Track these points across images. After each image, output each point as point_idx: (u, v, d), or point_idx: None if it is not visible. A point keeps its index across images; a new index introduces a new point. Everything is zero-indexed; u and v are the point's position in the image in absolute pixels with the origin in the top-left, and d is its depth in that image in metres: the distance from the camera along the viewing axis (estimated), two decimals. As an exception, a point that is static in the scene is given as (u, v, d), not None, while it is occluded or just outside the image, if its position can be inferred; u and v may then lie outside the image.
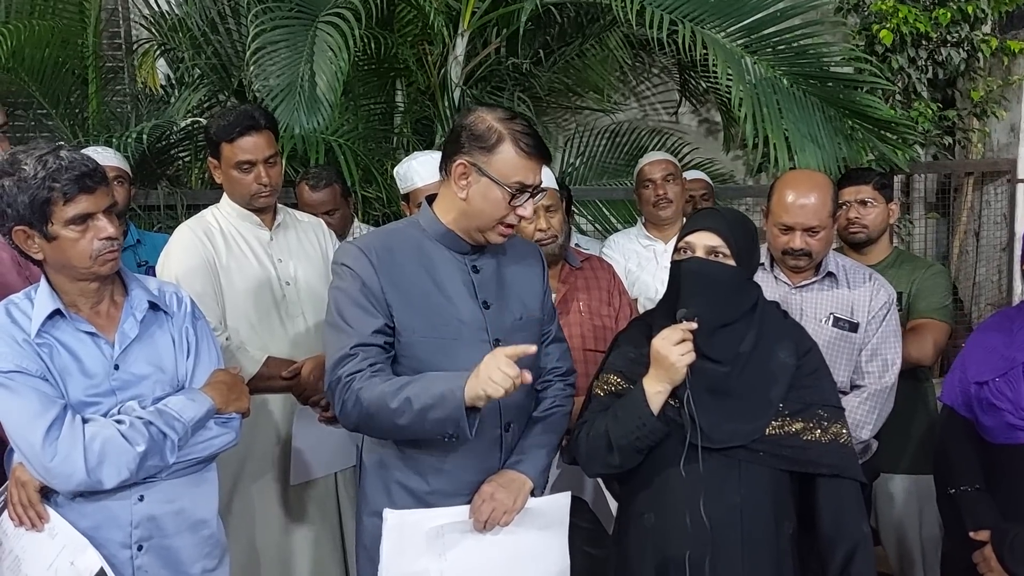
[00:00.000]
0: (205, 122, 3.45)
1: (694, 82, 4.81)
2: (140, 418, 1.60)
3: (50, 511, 1.61)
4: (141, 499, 1.63)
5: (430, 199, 1.76)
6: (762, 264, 2.20)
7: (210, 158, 2.29)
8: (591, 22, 4.23)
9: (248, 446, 2.14)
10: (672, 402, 1.63)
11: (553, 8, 3.97)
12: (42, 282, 1.62)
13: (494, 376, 1.44)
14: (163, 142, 3.77)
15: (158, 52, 4.15)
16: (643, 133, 4.67)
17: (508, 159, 1.61)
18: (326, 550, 2.36)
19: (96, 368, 1.61)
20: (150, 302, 1.70)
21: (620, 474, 1.74)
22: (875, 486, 2.50)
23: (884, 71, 4.09)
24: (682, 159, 4.59)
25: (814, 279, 2.21)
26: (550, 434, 1.79)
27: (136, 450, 1.57)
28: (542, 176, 1.68)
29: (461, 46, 3.72)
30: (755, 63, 3.33)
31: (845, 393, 2.13)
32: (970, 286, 4.77)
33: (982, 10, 4.24)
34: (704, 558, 1.61)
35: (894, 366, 2.18)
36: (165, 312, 1.72)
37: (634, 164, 4.54)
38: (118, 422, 1.59)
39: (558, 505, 1.77)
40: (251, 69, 3.29)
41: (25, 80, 3.66)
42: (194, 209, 3.42)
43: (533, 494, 1.73)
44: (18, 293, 1.65)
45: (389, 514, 1.65)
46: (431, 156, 2.51)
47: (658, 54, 4.65)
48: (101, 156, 2.63)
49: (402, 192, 2.63)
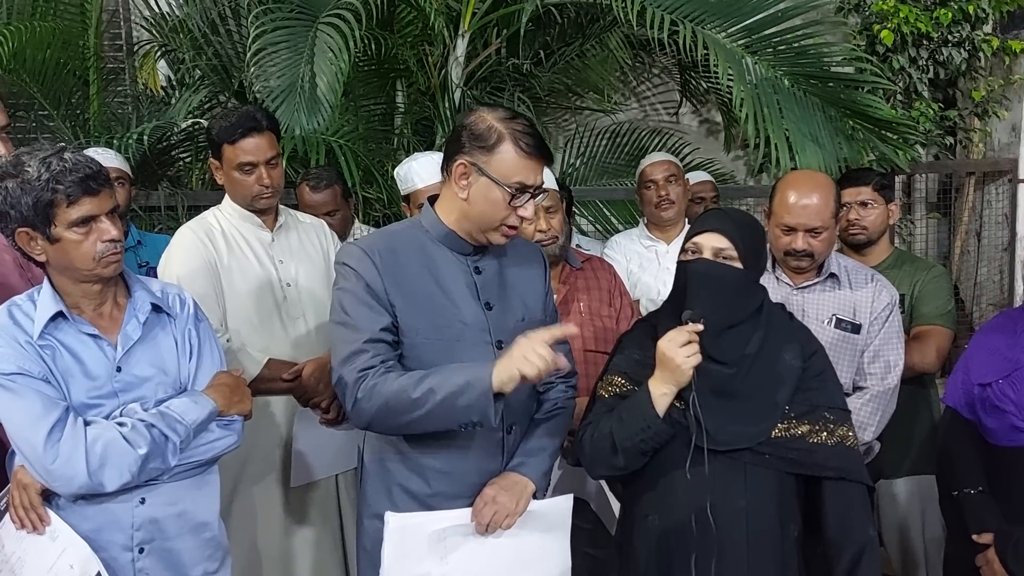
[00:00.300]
0: (206, 123, 3.45)
1: (695, 82, 4.81)
2: (142, 420, 1.59)
3: (51, 514, 1.60)
4: (143, 502, 1.63)
5: (432, 200, 1.76)
6: (763, 265, 2.20)
7: (212, 159, 2.29)
8: (591, 22, 4.23)
9: (249, 448, 2.13)
10: (677, 404, 1.63)
11: (553, 9, 3.97)
12: (45, 284, 1.62)
13: (530, 356, 1.46)
14: (164, 143, 3.77)
15: (159, 53, 4.15)
16: (644, 133, 4.67)
17: (508, 159, 1.60)
18: (327, 552, 2.36)
19: (98, 370, 1.61)
20: (153, 304, 1.69)
21: (624, 476, 1.73)
22: (878, 487, 2.49)
23: (885, 71, 4.09)
24: (683, 159, 4.58)
25: (816, 280, 2.20)
26: (552, 436, 1.79)
27: (138, 452, 1.57)
28: (543, 177, 1.68)
29: (461, 47, 3.72)
30: (756, 63, 3.33)
31: (848, 395, 2.13)
32: (971, 286, 4.77)
33: (983, 10, 4.24)
34: (710, 560, 1.60)
35: (896, 367, 2.17)
36: (168, 314, 1.72)
37: (635, 165, 4.54)
38: (120, 424, 1.58)
39: (560, 508, 1.76)
40: (252, 70, 3.28)
41: (26, 81, 3.66)
42: (195, 210, 3.42)
43: (535, 496, 1.73)
44: (21, 295, 1.65)
45: (391, 517, 1.65)
46: (431, 157, 2.51)
47: (659, 54, 4.65)
48: (101, 157, 2.58)
49: (403, 193, 2.63)
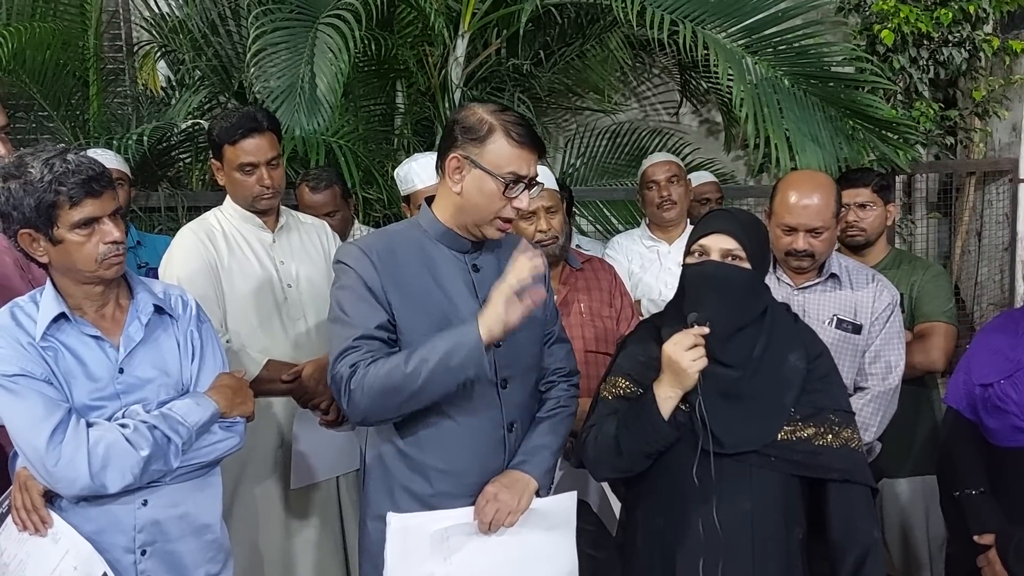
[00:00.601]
0: (206, 124, 3.45)
1: (695, 82, 4.81)
2: (144, 422, 1.60)
3: (54, 515, 1.60)
4: (145, 503, 1.63)
5: (429, 200, 1.76)
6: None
7: (213, 160, 2.29)
8: (591, 23, 4.23)
9: (249, 449, 2.13)
10: (683, 407, 1.62)
11: (553, 9, 3.96)
12: (47, 285, 1.62)
13: (510, 302, 1.53)
14: (164, 144, 3.77)
15: (159, 54, 4.15)
16: (644, 134, 4.66)
17: (500, 149, 1.61)
18: (328, 554, 2.35)
19: (101, 372, 1.61)
20: (155, 306, 1.70)
21: (627, 478, 1.72)
22: (880, 487, 2.49)
23: (885, 71, 4.08)
24: (683, 160, 4.56)
25: (817, 280, 2.20)
26: (554, 435, 1.78)
27: (140, 454, 1.57)
28: (536, 169, 1.68)
29: (461, 47, 3.71)
30: (756, 63, 3.32)
31: (849, 395, 2.12)
32: (972, 286, 4.77)
33: (983, 10, 4.24)
34: (716, 564, 1.60)
35: (897, 368, 2.17)
36: (170, 316, 1.72)
37: (635, 165, 4.53)
38: (122, 426, 1.58)
39: (564, 505, 1.76)
40: (251, 71, 3.28)
41: (26, 82, 3.65)
42: (195, 211, 3.43)
43: (538, 494, 1.72)
44: (23, 296, 1.65)
45: (393, 518, 1.65)
46: (431, 158, 2.50)
47: (659, 54, 4.65)
48: (101, 158, 2.57)
49: (403, 194, 2.63)
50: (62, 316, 1.59)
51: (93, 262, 1.56)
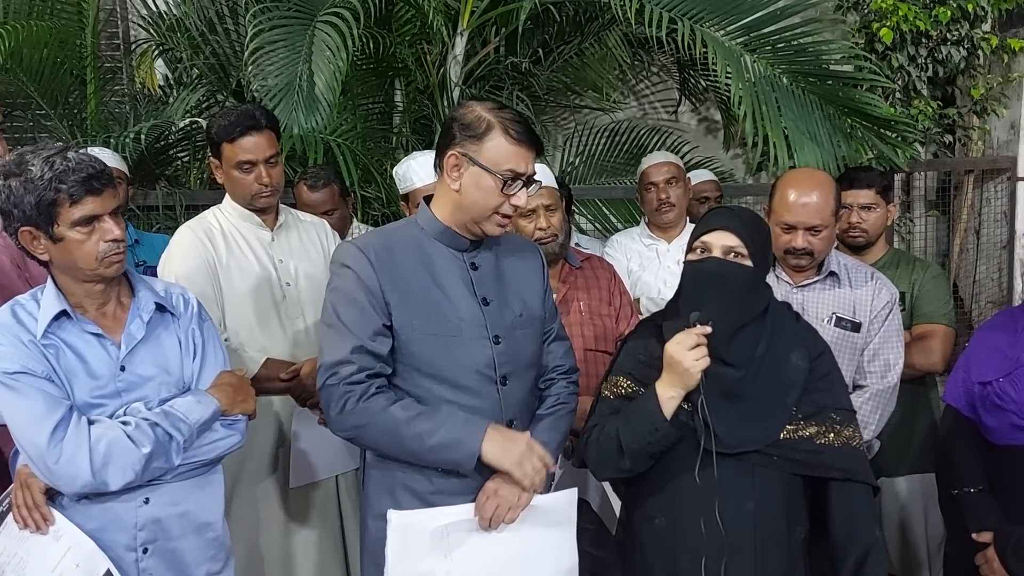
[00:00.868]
0: (203, 122, 3.44)
1: (693, 80, 4.81)
2: (146, 419, 1.60)
3: (55, 513, 1.60)
4: (146, 501, 1.63)
5: (428, 199, 1.76)
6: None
7: (211, 158, 2.28)
8: (590, 21, 4.22)
9: (248, 448, 2.13)
10: (685, 406, 1.62)
11: (552, 7, 3.96)
12: (48, 283, 1.62)
13: (526, 466, 1.62)
14: (161, 142, 3.76)
15: (156, 52, 4.14)
16: (643, 132, 4.66)
17: (498, 146, 1.62)
18: (328, 553, 2.35)
19: (102, 369, 1.61)
20: (157, 304, 1.70)
21: (629, 477, 1.72)
22: (880, 485, 2.49)
23: (884, 69, 4.09)
24: (682, 158, 4.55)
25: (816, 279, 2.20)
26: (554, 431, 1.78)
27: (141, 451, 1.57)
28: (534, 167, 1.68)
29: (460, 45, 3.71)
30: (754, 61, 3.32)
31: (848, 393, 2.12)
32: (970, 284, 4.78)
33: (982, 8, 4.24)
34: (719, 563, 1.59)
35: (896, 366, 2.17)
36: (172, 314, 1.72)
37: (634, 163, 4.54)
38: (124, 423, 1.58)
39: (565, 502, 1.75)
40: (249, 69, 3.28)
41: (23, 80, 3.65)
42: (193, 209, 3.42)
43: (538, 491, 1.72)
44: (25, 294, 1.65)
45: (393, 515, 1.65)
46: (430, 156, 2.49)
47: (657, 52, 4.65)
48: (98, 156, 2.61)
49: (401, 192, 2.62)
50: (63, 314, 1.59)
51: (93, 260, 1.56)
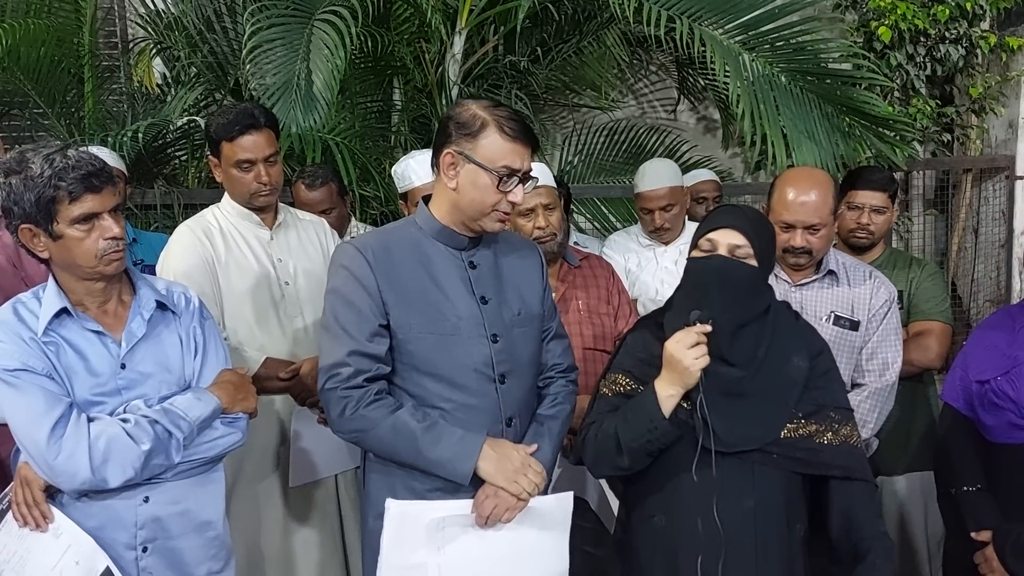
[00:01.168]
0: (201, 121, 3.44)
1: (692, 79, 4.81)
2: (145, 417, 1.60)
3: (55, 511, 1.60)
4: (146, 500, 1.63)
5: (427, 199, 1.77)
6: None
7: (211, 157, 2.28)
8: (588, 19, 4.22)
9: (248, 447, 2.13)
10: (684, 405, 1.61)
11: (550, 5, 3.96)
12: (50, 281, 1.62)
13: (521, 480, 1.64)
14: (159, 141, 3.76)
15: (154, 51, 4.13)
16: (641, 131, 4.66)
17: (493, 144, 1.63)
18: (328, 552, 2.35)
19: (102, 367, 1.61)
20: (158, 302, 1.70)
21: (627, 475, 1.72)
22: (879, 484, 2.49)
23: (882, 68, 4.09)
24: (681, 157, 4.59)
25: (814, 277, 2.20)
26: (553, 431, 1.78)
27: (141, 448, 1.57)
28: (530, 163, 1.69)
29: (458, 44, 3.71)
30: (753, 60, 3.32)
31: (847, 392, 2.12)
32: (968, 283, 4.78)
33: (980, 6, 4.24)
34: (717, 561, 1.59)
35: (894, 364, 2.17)
36: (173, 312, 1.72)
37: (633, 162, 4.54)
38: (123, 421, 1.58)
39: (561, 505, 1.76)
40: (247, 67, 3.28)
41: (21, 79, 3.65)
42: (190, 208, 3.42)
43: None
44: (27, 292, 1.65)
45: (391, 504, 1.65)
46: (429, 155, 2.49)
47: (656, 51, 4.65)
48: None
49: (400, 191, 2.62)
50: (64, 311, 1.59)
51: (92, 258, 1.56)
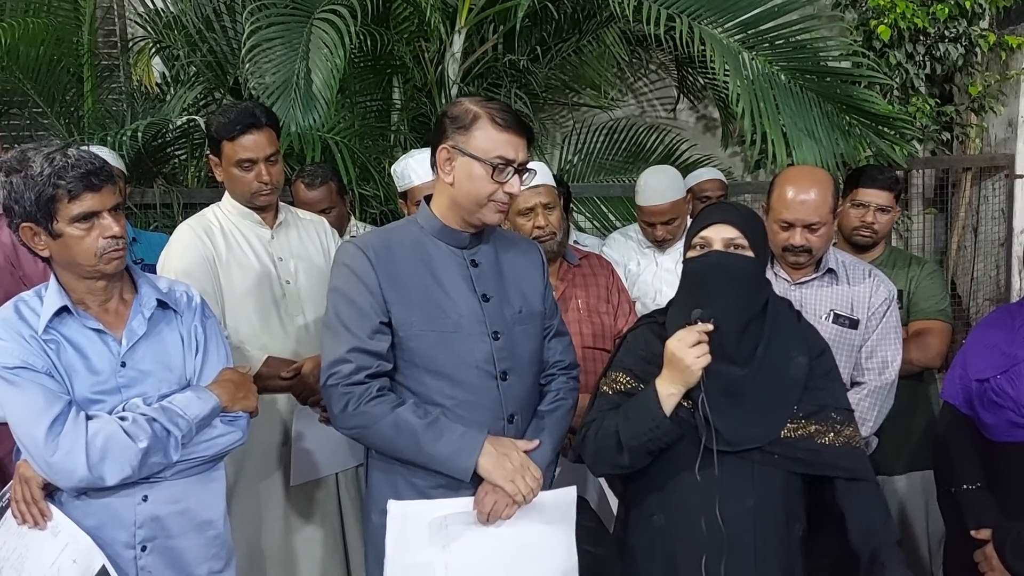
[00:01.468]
0: (201, 120, 3.44)
1: (692, 78, 4.81)
2: (143, 414, 1.60)
3: (53, 509, 1.60)
4: (145, 499, 1.63)
5: (428, 199, 1.78)
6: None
7: (211, 156, 2.28)
8: (588, 18, 4.22)
9: (249, 446, 2.13)
10: (685, 404, 1.61)
11: (550, 4, 3.96)
12: (51, 279, 1.63)
13: (518, 481, 1.64)
14: (159, 140, 3.76)
15: (153, 50, 4.13)
16: (641, 129, 4.66)
17: (486, 135, 1.65)
18: (329, 551, 2.35)
19: (102, 365, 1.62)
20: (159, 300, 1.70)
21: (626, 474, 1.71)
22: (880, 483, 2.50)
23: (882, 66, 4.09)
24: (680, 156, 4.59)
25: (814, 276, 2.20)
26: (554, 428, 1.79)
27: (138, 446, 1.57)
28: (526, 155, 1.70)
29: (458, 43, 3.71)
30: (752, 59, 3.32)
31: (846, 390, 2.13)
32: (968, 282, 4.78)
33: (980, 5, 4.24)
34: (718, 561, 1.59)
35: (894, 363, 2.17)
36: (174, 310, 1.73)
37: (632, 161, 4.54)
38: (121, 418, 1.59)
39: (564, 500, 1.76)
40: (247, 66, 3.28)
41: (20, 78, 3.65)
42: (190, 207, 3.42)
43: None
44: (29, 291, 1.65)
45: (393, 505, 1.66)
46: (428, 154, 2.50)
47: (655, 50, 4.65)
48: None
49: (399, 190, 2.62)
50: (65, 310, 1.60)
51: (92, 256, 1.57)
